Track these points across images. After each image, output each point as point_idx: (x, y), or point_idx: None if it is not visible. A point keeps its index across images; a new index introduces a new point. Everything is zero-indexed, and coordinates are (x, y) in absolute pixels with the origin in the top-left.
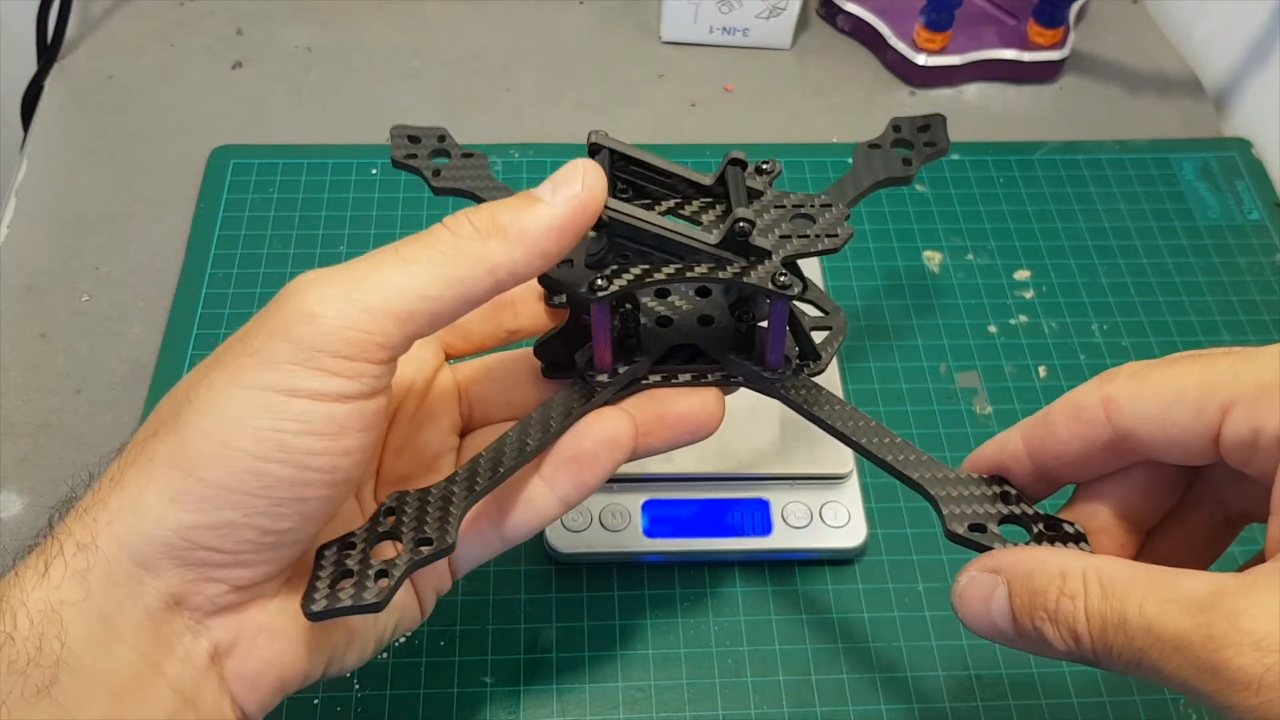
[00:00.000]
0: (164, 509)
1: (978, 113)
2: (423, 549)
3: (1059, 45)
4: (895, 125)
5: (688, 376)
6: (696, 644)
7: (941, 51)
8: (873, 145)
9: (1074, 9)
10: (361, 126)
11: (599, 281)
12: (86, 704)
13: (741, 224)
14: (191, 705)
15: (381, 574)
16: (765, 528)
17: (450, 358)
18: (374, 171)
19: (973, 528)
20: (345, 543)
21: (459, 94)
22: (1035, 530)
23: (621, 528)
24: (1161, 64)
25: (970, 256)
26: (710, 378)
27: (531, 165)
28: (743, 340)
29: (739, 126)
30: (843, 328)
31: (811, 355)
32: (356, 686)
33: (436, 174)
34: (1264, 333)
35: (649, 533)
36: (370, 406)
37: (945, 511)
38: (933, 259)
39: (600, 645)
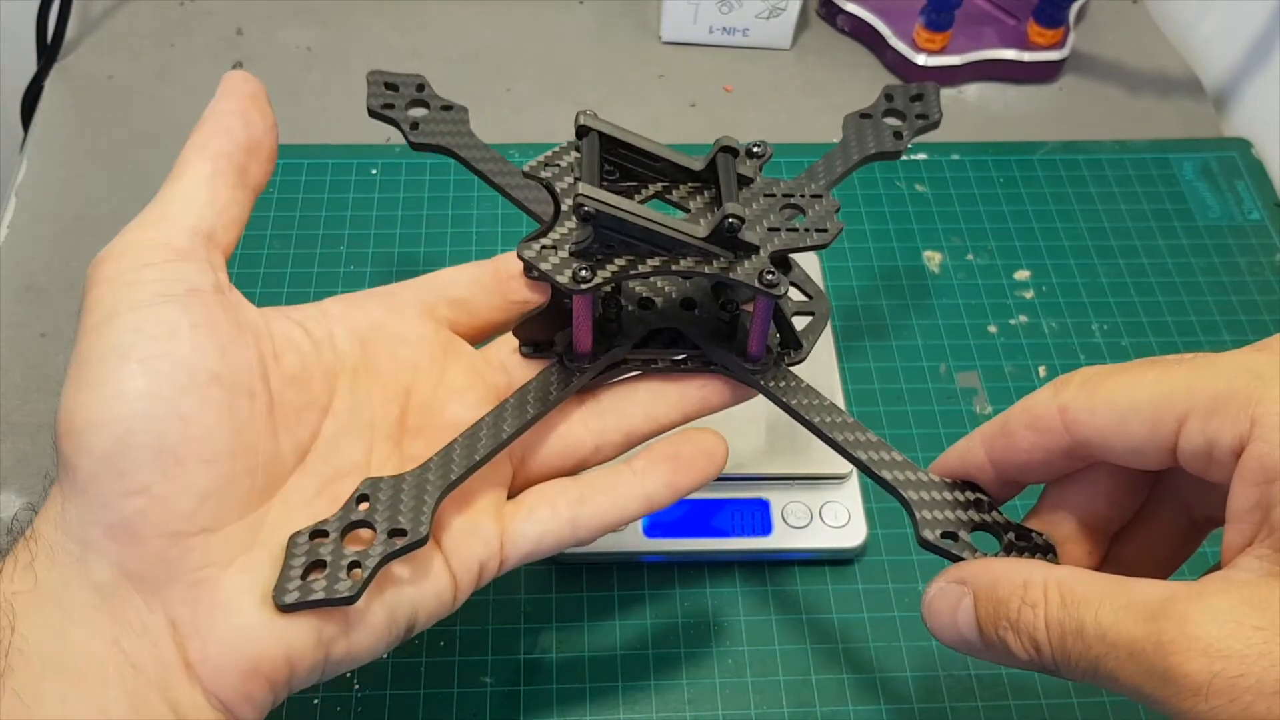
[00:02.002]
0: (70, 479)
1: (978, 113)
2: (396, 540)
3: (1059, 45)
4: (888, 94)
5: (667, 362)
6: (696, 644)
7: (941, 51)
8: (864, 115)
9: (1074, 9)
10: (361, 126)
11: (583, 272)
12: (41, 688)
13: (731, 220)
14: (158, 688)
15: (354, 565)
16: (765, 528)
17: (463, 338)
18: (374, 172)
19: (945, 535)
20: (317, 531)
21: (459, 94)
22: (1006, 539)
23: (621, 528)
24: (1161, 64)
25: (970, 256)
26: (689, 364)
27: None
28: (724, 327)
29: (739, 126)
30: (826, 314)
31: (793, 344)
32: (356, 686)
33: (415, 127)
34: (1264, 332)
35: (649, 533)
36: (194, 302)
37: (918, 517)
38: (933, 259)
39: (600, 645)
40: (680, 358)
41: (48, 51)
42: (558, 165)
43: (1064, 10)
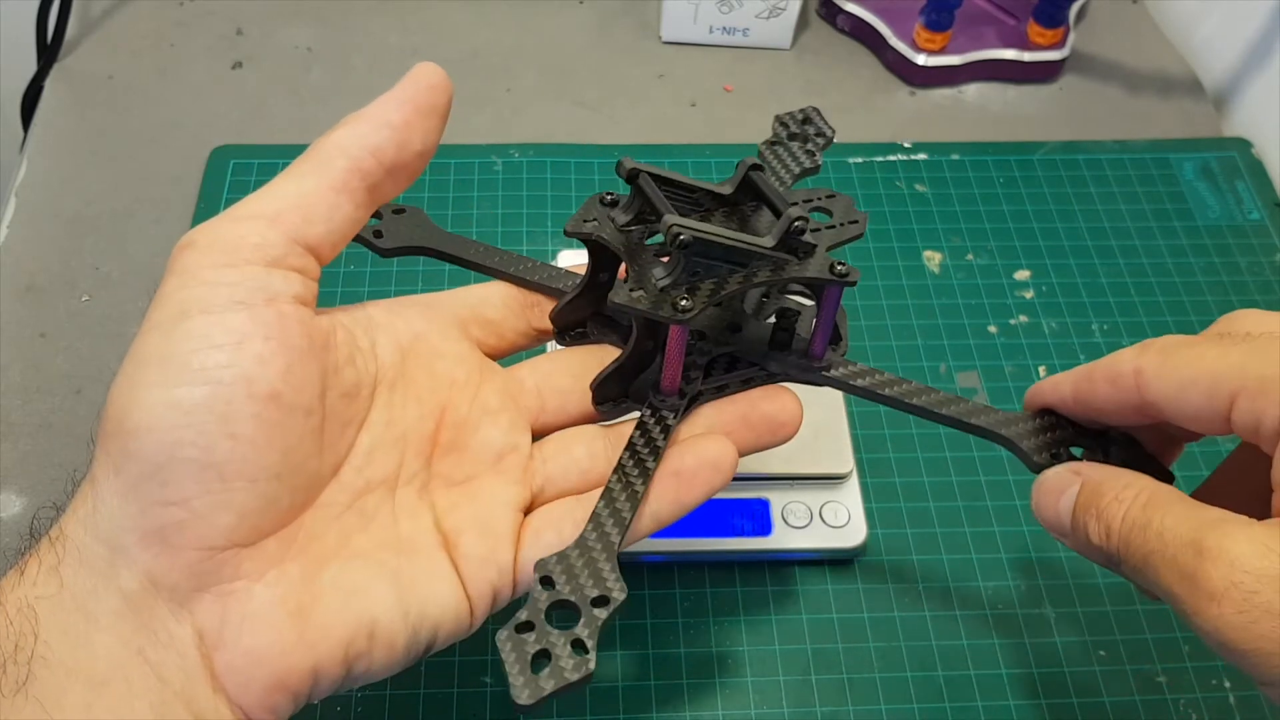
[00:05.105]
0: (108, 480)
1: (978, 113)
2: (597, 610)
3: (1059, 45)
4: (782, 122)
5: (739, 383)
6: (696, 644)
7: (941, 51)
8: (773, 143)
9: (1074, 9)
10: None
11: (682, 302)
12: (64, 696)
13: (798, 223)
14: (183, 698)
15: (578, 644)
16: (765, 528)
17: (490, 356)
18: None
19: (1054, 456)
20: (521, 625)
21: (459, 94)
22: (1112, 451)
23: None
24: (1161, 64)
25: (970, 256)
26: (758, 379)
27: (531, 165)
28: (779, 338)
29: (739, 126)
30: (842, 315)
31: (834, 338)
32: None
33: (379, 236)
34: None
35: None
36: (270, 313)
37: (1025, 446)
38: (933, 259)
39: (600, 645)
40: (747, 377)
41: (48, 51)
42: (594, 220)
43: (1064, 10)
